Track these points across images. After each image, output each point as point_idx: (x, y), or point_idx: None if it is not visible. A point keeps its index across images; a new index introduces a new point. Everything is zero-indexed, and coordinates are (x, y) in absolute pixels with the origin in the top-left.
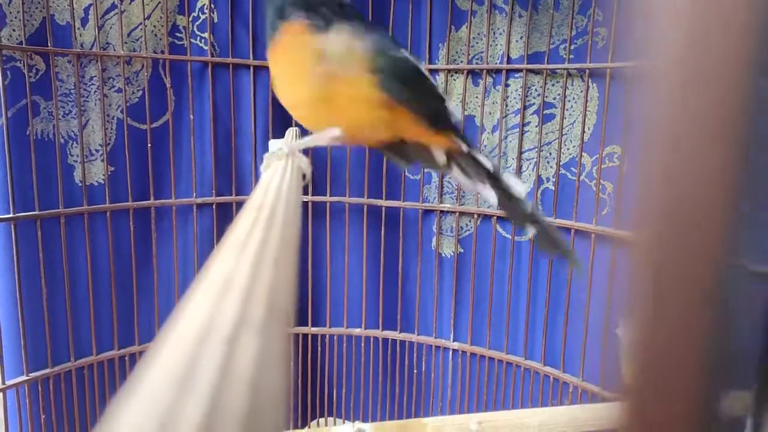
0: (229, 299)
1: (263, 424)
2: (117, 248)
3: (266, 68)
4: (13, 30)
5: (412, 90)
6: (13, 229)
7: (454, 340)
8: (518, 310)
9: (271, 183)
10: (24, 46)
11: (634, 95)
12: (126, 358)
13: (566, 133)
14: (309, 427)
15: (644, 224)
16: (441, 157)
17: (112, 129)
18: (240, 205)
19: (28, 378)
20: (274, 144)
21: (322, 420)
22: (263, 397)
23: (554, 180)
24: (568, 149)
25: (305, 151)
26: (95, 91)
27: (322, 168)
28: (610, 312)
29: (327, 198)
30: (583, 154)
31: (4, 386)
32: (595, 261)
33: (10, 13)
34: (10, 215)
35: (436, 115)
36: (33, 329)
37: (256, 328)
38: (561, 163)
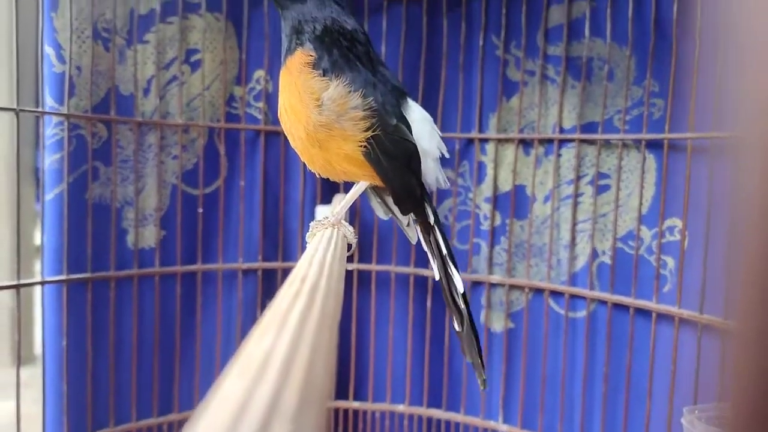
0: (264, 382)
1: None
2: (163, 312)
3: None
4: (81, 100)
5: (392, 165)
6: (64, 291)
7: (503, 423)
8: (573, 392)
9: (316, 254)
10: (89, 114)
11: (725, 170)
12: (164, 426)
13: (622, 205)
14: None
15: (747, 311)
16: (404, 219)
17: (166, 194)
18: (286, 271)
19: None
20: (320, 211)
21: None
22: None
23: (611, 254)
24: (624, 221)
25: (351, 219)
26: (153, 158)
27: (369, 236)
28: (674, 398)
29: (373, 266)
30: (641, 227)
31: None
32: (657, 342)
33: (79, 84)
34: (63, 277)
35: (407, 193)
36: (76, 392)
37: (289, 417)
38: (618, 236)
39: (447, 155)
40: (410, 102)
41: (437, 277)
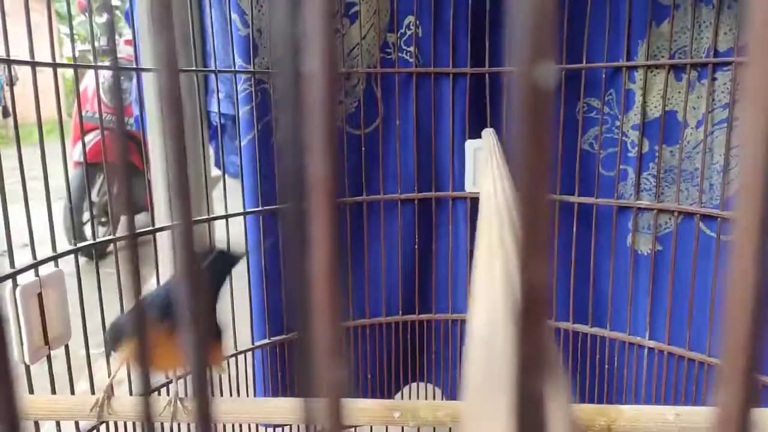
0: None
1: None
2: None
3: (464, 75)
4: (263, 58)
5: None
6: (260, 221)
7: (650, 339)
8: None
9: (495, 193)
10: (270, 70)
11: None
12: None
13: None
14: None
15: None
16: None
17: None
18: (439, 200)
19: (269, 341)
20: (470, 144)
21: None
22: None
23: None
24: None
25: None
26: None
27: None
28: None
29: None
30: None
31: (253, 347)
32: None
33: (261, 44)
34: (259, 208)
35: None
36: (274, 302)
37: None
38: None
39: None
40: None
41: None
